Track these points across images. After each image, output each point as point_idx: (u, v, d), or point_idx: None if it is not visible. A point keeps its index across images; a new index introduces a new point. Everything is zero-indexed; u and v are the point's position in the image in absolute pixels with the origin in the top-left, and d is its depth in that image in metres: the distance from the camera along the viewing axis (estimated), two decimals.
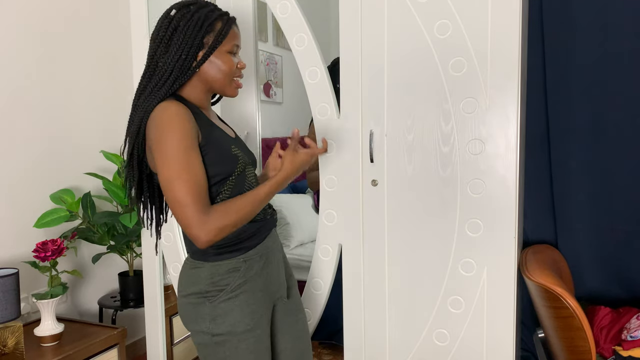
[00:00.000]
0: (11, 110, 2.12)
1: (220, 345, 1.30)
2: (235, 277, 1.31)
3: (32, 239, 2.12)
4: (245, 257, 1.33)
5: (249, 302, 1.31)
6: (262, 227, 1.38)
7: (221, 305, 1.29)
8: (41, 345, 1.91)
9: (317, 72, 1.77)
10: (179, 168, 1.17)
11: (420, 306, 1.74)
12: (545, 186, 2.14)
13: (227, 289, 1.30)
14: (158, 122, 1.20)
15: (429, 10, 1.62)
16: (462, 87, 1.61)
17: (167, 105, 1.21)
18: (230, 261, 1.31)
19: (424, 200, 1.69)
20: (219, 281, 1.30)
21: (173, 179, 1.17)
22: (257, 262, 1.35)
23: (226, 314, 1.29)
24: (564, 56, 2.04)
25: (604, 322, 1.89)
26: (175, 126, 1.18)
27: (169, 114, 1.19)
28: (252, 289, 1.33)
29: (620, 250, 2.05)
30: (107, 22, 2.52)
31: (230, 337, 1.29)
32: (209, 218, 1.17)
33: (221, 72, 1.32)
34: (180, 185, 1.16)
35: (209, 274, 1.30)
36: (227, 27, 1.31)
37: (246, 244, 1.33)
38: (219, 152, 1.27)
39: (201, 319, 1.30)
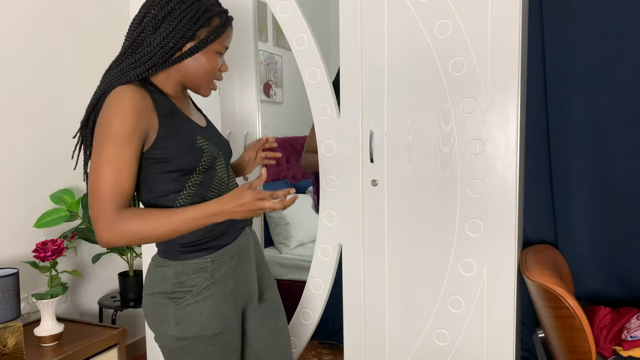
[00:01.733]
0: (11, 110, 2.12)
1: (185, 350, 1.23)
2: (202, 277, 1.23)
3: (32, 239, 2.12)
4: (213, 257, 1.25)
5: (217, 306, 1.24)
6: (233, 225, 1.30)
7: (187, 309, 1.22)
8: (41, 345, 1.91)
9: (317, 72, 1.77)
10: (110, 158, 1.10)
11: (420, 306, 1.74)
12: (545, 186, 2.14)
13: (194, 290, 1.22)
14: (109, 102, 1.12)
15: (429, 10, 1.62)
16: (462, 87, 1.61)
17: (125, 89, 1.13)
18: (197, 260, 1.24)
19: (424, 200, 1.69)
20: (185, 281, 1.23)
21: (99, 167, 1.10)
22: (226, 262, 1.27)
23: (193, 318, 1.22)
24: (564, 56, 2.04)
25: (604, 322, 1.89)
26: (123, 113, 1.10)
27: (121, 98, 1.11)
28: (220, 292, 1.25)
29: (620, 250, 2.05)
30: (108, 21, 2.52)
31: (197, 342, 1.22)
32: (118, 220, 1.09)
33: (202, 70, 1.25)
34: (100, 177, 1.09)
35: (174, 273, 1.23)
36: (223, 27, 1.25)
37: (215, 242, 1.26)
38: (180, 143, 1.19)
39: (165, 321, 1.23)
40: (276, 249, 3.08)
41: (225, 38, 1.27)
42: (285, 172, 3.63)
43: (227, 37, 1.28)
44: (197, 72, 1.25)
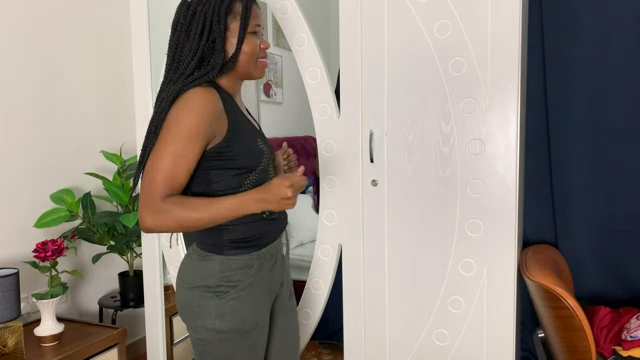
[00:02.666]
0: (11, 110, 2.12)
1: (223, 342, 1.27)
2: (247, 274, 1.28)
3: (32, 239, 2.12)
4: (258, 255, 1.30)
5: (255, 301, 1.30)
6: (277, 226, 1.36)
7: (230, 303, 1.25)
8: (41, 345, 1.91)
9: (317, 72, 1.77)
10: (173, 150, 1.14)
11: (420, 306, 1.74)
12: (545, 186, 2.14)
13: (239, 285, 1.26)
14: (183, 100, 1.16)
15: (429, 10, 1.62)
16: (462, 87, 1.61)
17: (200, 90, 1.18)
18: (244, 257, 1.28)
19: (424, 200, 1.69)
20: (230, 277, 1.26)
21: (160, 156, 1.14)
22: (268, 260, 1.33)
23: (234, 312, 1.26)
24: (564, 56, 2.04)
25: (604, 322, 1.89)
26: (195, 112, 1.15)
27: (194, 97, 1.16)
28: (260, 288, 1.31)
29: (620, 250, 2.05)
30: (108, 21, 2.52)
31: (234, 335, 1.26)
32: (163, 206, 1.13)
33: (246, 56, 1.26)
34: (162, 165, 1.13)
35: (220, 268, 1.26)
36: (248, 8, 1.25)
37: (261, 240, 1.31)
38: (246, 143, 1.25)
39: (207, 315, 1.25)
40: None
41: (254, 17, 1.27)
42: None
43: (255, 16, 1.28)
44: (242, 60, 1.27)
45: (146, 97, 2.05)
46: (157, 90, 2.01)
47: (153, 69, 2.05)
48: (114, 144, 2.51)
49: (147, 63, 2.04)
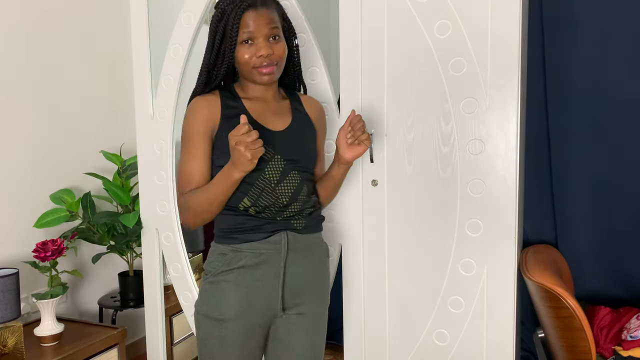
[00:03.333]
0: (11, 110, 2.12)
1: (198, 324, 1.38)
2: (220, 262, 1.35)
3: (32, 239, 2.12)
4: (235, 247, 1.34)
5: (227, 292, 1.33)
6: (265, 225, 1.33)
7: (206, 287, 1.37)
8: (41, 345, 1.91)
9: (317, 72, 1.77)
10: (184, 156, 1.34)
11: (420, 306, 1.74)
12: (545, 186, 2.14)
13: (213, 271, 1.36)
14: (185, 114, 1.37)
15: (429, 10, 1.62)
16: (462, 87, 1.61)
17: (195, 99, 1.36)
18: (223, 246, 1.36)
19: (424, 200, 1.69)
20: (211, 261, 1.38)
21: (179, 163, 1.35)
22: (247, 257, 1.33)
23: (207, 297, 1.36)
24: (564, 56, 2.04)
25: (604, 322, 1.89)
26: (190, 119, 1.33)
27: (190, 107, 1.35)
28: (235, 281, 1.33)
29: (620, 250, 2.05)
30: (107, 21, 2.52)
31: (206, 320, 1.35)
32: (184, 202, 1.32)
33: (239, 64, 1.35)
34: (180, 170, 1.34)
35: (210, 253, 1.40)
36: (234, 19, 1.30)
37: (241, 235, 1.34)
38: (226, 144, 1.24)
39: (199, 294, 1.40)
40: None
41: (243, 26, 1.30)
42: None
43: (243, 25, 1.30)
44: (240, 69, 1.37)
45: (146, 97, 2.05)
46: (157, 90, 2.04)
47: (153, 69, 2.05)
48: (114, 144, 2.51)
49: (147, 63, 2.04)
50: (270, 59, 1.32)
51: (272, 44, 1.32)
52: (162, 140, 2.02)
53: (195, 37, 1.93)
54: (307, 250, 1.40)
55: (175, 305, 2.26)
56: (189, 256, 2.10)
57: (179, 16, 1.94)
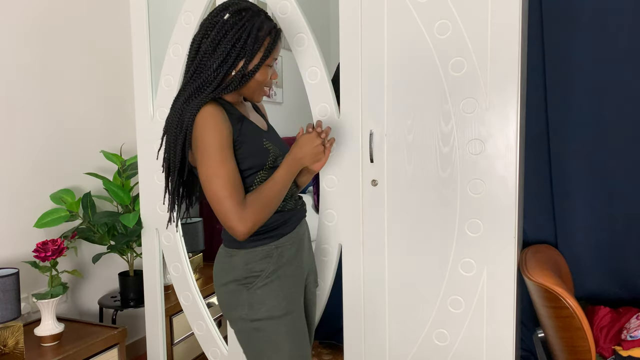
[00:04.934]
0: (11, 110, 2.12)
1: (259, 331, 1.36)
2: (269, 263, 1.37)
3: (32, 239, 2.12)
4: (277, 244, 1.39)
5: (283, 287, 1.38)
6: (293, 216, 1.44)
7: (258, 292, 1.35)
8: (41, 345, 1.91)
9: (317, 72, 1.77)
10: (216, 165, 1.26)
11: (420, 306, 1.74)
12: (545, 186, 2.14)
13: (262, 275, 1.36)
14: (198, 124, 1.27)
15: (429, 10, 1.62)
16: (462, 87, 1.61)
17: (207, 109, 1.28)
18: (263, 248, 1.37)
19: (424, 200, 1.69)
20: (253, 267, 1.36)
21: (211, 176, 1.26)
22: (288, 249, 1.41)
23: (263, 300, 1.35)
24: (564, 56, 2.04)
25: (604, 322, 1.89)
26: (213, 127, 1.26)
27: (206, 116, 1.27)
28: (285, 274, 1.39)
29: (620, 251, 2.05)
30: (107, 21, 2.52)
31: (269, 322, 1.35)
32: (245, 210, 1.26)
33: (256, 83, 1.37)
34: (218, 181, 1.25)
35: (244, 261, 1.37)
36: (274, 44, 1.35)
37: (277, 231, 1.39)
38: (251, 146, 1.34)
39: (240, 306, 1.36)
40: None
41: (276, 52, 1.37)
42: None
43: (277, 51, 1.38)
44: (251, 85, 1.37)
45: (146, 97, 2.05)
46: (157, 90, 2.03)
47: (153, 69, 2.05)
48: (114, 144, 2.51)
49: (147, 63, 2.04)
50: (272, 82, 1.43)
51: None
52: None
53: None
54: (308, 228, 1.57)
55: (175, 305, 2.27)
56: (189, 256, 2.10)
57: (179, 16, 1.94)
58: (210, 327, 2.04)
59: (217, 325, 2.07)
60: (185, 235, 2.09)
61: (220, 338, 2.03)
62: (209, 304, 2.52)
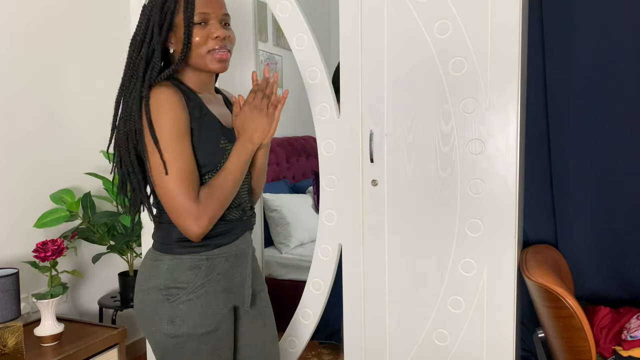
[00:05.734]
0: (11, 110, 2.12)
1: (178, 347, 1.22)
2: (196, 275, 1.22)
3: (32, 239, 2.12)
4: (208, 255, 1.24)
5: (210, 304, 1.23)
6: (235, 228, 1.29)
7: (180, 307, 1.21)
8: (41, 345, 1.91)
9: (317, 72, 1.77)
10: (170, 156, 1.13)
11: (420, 306, 1.74)
12: (545, 186, 2.14)
13: (188, 288, 1.21)
14: (150, 107, 1.14)
15: (429, 10, 1.62)
16: (462, 87, 1.61)
17: (159, 90, 1.15)
18: (192, 257, 1.23)
19: (424, 200, 1.69)
20: (178, 277, 1.22)
21: (160, 167, 1.13)
22: (221, 262, 1.26)
23: (186, 316, 1.21)
24: (564, 56, 2.04)
25: (604, 322, 1.89)
26: (167, 112, 1.13)
27: (159, 99, 1.14)
28: (213, 290, 1.24)
29: (620, 251, 2.05)
30: (107, 21, 2.52)
31: (190, 339, 1.22)
32: (199, 207, 1.14)
33: (193, 47, 1.20)
34: (171, 175, 1.13)
35: (168, 268, 1.22)
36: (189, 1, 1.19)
37: (212, 241, 1.24)
38: (205, 141, 1.21)
39: (159, 319, 1.22)
40: (276, 249, 3.08)
41: (201, 6, 1.20)
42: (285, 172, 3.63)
43: (202, 4, 1.20)
44: (192, 53, 1.21)
45: None
46: None
47: None
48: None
49: None
50: (224, 43, 1.23)
51: (225, 29, 1.24)
52: None
53: None
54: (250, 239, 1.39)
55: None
56: None
57: None
58: None
59: None
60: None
61: None
62: None
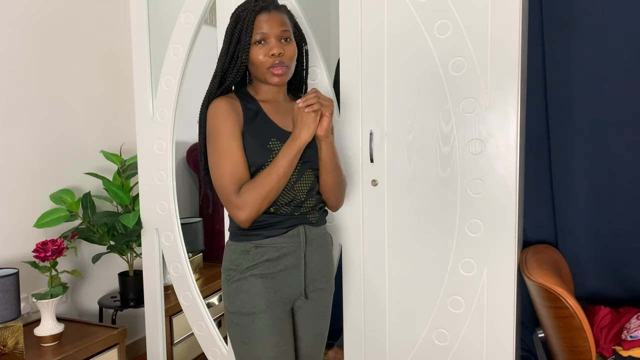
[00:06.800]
0: (11, 110, 2.12)
1: (232, 323, 1.41)
2: (245, 258, 1.39)
3: (32, 239, 2.12)
4: (257, 244, 1.39)
5: (256, 287, 1.38)
6: (284, 221, 1.41)
7: (232, 286, 1.40)
8: (41, 345, 1.91)
9: (317, 72, 1.77)
10: (219, 155, 1.32)
11: (420, 306, 1.74)
12: (545, 186, 2.14)
13: (238, 269, 1.39)
14: (208, 114, 1.37)
15: (429, 10, 1.62)
16: (462, 87, 1.61)
17: (217, 100, 1.37)
18: (244, 244, 1.40)
19: (424, 200, 1.69)
20: (234, 260, 1.41)
21: (214, 164, 1.34)
22: (270, 252, 1.39)
23: (236, 295, 1.39)
24: (564, 56, 2.04)
25: (604, 322, 1.89)
26: (219, 118, 1.34)
27: (213, 108, 1.36)
28: (261, 274, 1.39)
29: (621, 251, 2.05)
30: (107, 21, 2.52)
31: (239, 317, 1.39)
32: (240, 198, 1.30)
33: (252, 65, 1.38)
34: (219, 170, 1.32)
35: (229, 252, 1.43)
36: (249, 21, 1.35)
37: (262, 232, 1.39)
38: (254, 141, 1.36)
39: (224, 296, 1.44)
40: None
41: (257, 27, 1.35)
42: None
43: (257, 26, 1.36)
44: (252, 69, 1.40)
45: (146, 97, 2.05)
46: (157, 90, 2.04)
47: (153, 69, 2.05)
48: (114, 144, 2.50)
49: (147, 63, 2.04)
50: (281, 59, 1.36)
51: (283, 45, 1.37)
52: (162, 140, 2.02)
53: (195, 37, 1.93)
54: (320, 241, 1.49)
55: (175, 305, 2.26)
56: (189, 256, 2.10)
57: (179, 16, 1.94)
58: (210, 327, 2.04)
59: (217, 326, 2.06)
60: (185, 235, 2.09)
61: (220, 338, 2.03)
62: (208, 304, 2.52)
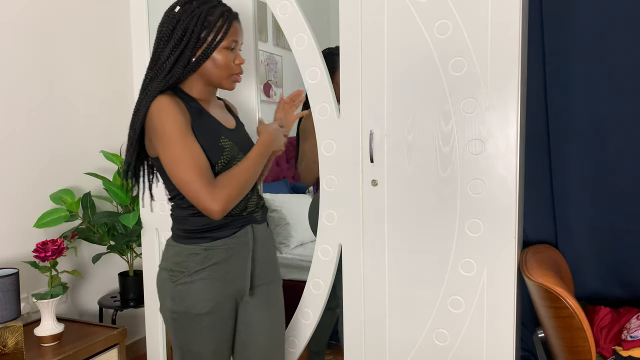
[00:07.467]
0: (11, 111, 2.12)
1: (176, 322, 1.42)
2: (194, 262, 1.39)
3: (32, 239, 2.12)
4: (207, 246, 1.40)
5: (205, 289, 1.39)
6: (234, 222, 1.42)
7: (179, 287, 1.39)
8: (41, 345, 1.91)
9: (317, 72, 1.77)
10: (179, 151, 1.28)
11: (420, 306, 1.74)
12: (545, 186, 2.14)
13: (186, 272, 1.39)
14: (154, 114, 1.30)
15: (429, 10, 1.62)
16: (462, 87, 1.61)
17: (159, 99, 1.31)
18: (192, 247, 1.40)
19: (424, 200, 1.69)
20: (180, 262, 1.40)
21: (175, 162, 1.28)
22: (219, 253, 1.41)
23: (183, 296, 1.39)
24: (564, 56, 2.04)
25: (604, 322, 1.89)
26: (169, 116, 1.28)
27: (160, 106, 1.29)
28: (209, 277, 1.40)
29: (620, 251, 2.05)
30: (107, 21, 2.52)
31: (185, 317, 1.40)
32: (216, 189, 1.28)
33: (217, 68, 1.38)
34: (183, 166, 1.27)
35: (174, 253, 1.43)
36: (226, 25, 1.36)
37: (211, 234, 1.40)
38: (205, 140, 1.34)
39: (165, 295, 1.43)
40: (276, 249, 3.08)
41: (231, 34, 1.38)
42: (286, 172, 3.63)
43: (233, 33, 1.39)
44: (214, 71, 1.38)
45: None
46: None
47: None
48: (114, 144, 2.51)
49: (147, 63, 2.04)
50: (240, 68, 1.43)
51: None
52: None
53: None
54: (266, 237, 1.53)
55: None
56: None
57: None
58: None
59: None
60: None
61: None
62: None
